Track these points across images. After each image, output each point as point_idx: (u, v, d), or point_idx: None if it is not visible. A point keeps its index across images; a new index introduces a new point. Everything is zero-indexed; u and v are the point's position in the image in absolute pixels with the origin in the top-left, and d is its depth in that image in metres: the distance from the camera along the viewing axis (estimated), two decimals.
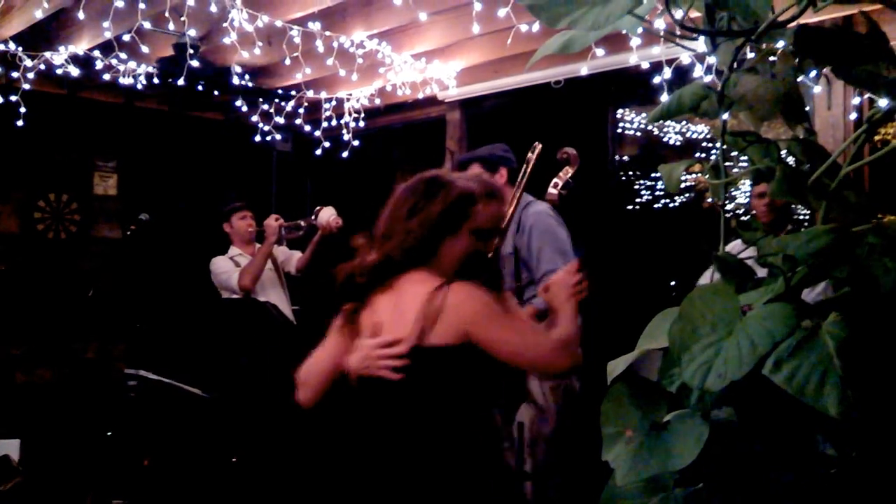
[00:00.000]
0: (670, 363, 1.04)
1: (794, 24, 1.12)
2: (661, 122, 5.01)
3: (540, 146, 3.58)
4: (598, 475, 1.17)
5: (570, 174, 3.61)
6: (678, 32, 1.01)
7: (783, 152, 1.32)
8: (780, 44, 1.28)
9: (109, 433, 4.58)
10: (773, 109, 1.38)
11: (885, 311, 0.88)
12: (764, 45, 1.33)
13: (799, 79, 4.02)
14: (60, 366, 6.00)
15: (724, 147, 1.27)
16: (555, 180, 3.57)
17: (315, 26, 4.43)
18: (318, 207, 4.68)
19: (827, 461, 1.08)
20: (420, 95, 5.49)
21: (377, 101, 5.69)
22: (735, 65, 1.28)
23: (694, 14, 1.31)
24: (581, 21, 0.98)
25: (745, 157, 1.34)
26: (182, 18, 4.12)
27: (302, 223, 4.79)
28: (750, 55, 1.44)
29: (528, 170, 3.48)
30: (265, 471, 4.06)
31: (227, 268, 4.66)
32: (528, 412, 3.26)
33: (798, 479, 1.04)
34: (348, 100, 5.76)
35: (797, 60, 1.21)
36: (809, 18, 1.26)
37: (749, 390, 1.00)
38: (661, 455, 1.00)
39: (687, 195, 5.86)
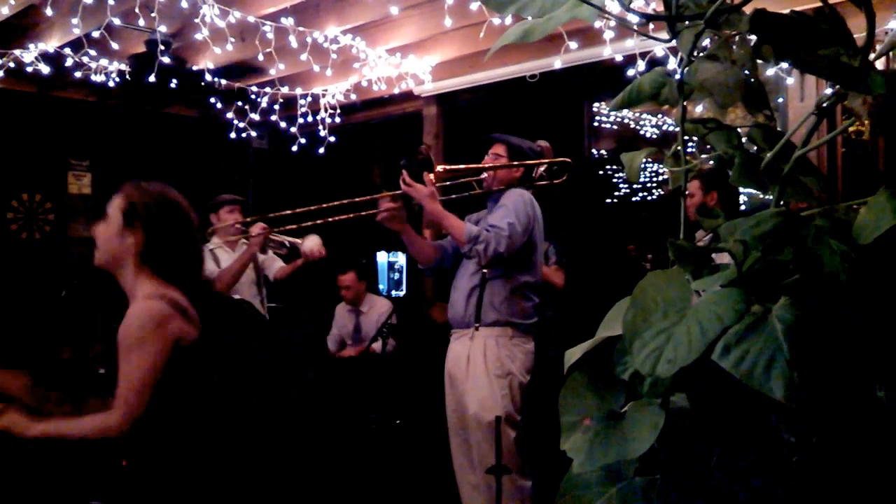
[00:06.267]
0: (623, 351, 1.03)
1: (749, 6, 1.12)
2: (625, 110, 5.02)
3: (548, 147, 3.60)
4: (558, 466, 1.16)
5: (543, 167, 3.61)
6: (625, 17, 1.00)
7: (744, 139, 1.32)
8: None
9: None
10: (733, 96, 1.38)
11: (831, 294, 0.88)
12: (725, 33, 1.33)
13: (771, 71, 4.00)
14: (35, 367, 5.92)
15: (684, 134, 1.26)
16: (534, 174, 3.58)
17: (288, 21, 4.40)
18: (305, 235, 4.67)
19: (788, 448, 1.08)
20: (396, 91, 5.47)
21: (353, 97, 5.67)
22: (696, 52, 1.28)
23: (661, 8, 1.31)
24: (528, 7, 0.98)
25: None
26: (153, 14, 4.08)
27: (287, 243, 4.78)
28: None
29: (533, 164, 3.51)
30: (244, 468, 4.03)
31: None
32: (475, 400, 3.26)
33: (757, 466, 1.04)
34: (324, 95, 5.73)
35: (753, 46, 1.21)
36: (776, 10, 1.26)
37: (705, 377, 1.00)
38: (618, 443, 1.00)
39: (664, 188, 5.88)
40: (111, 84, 5.16)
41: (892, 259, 0.91)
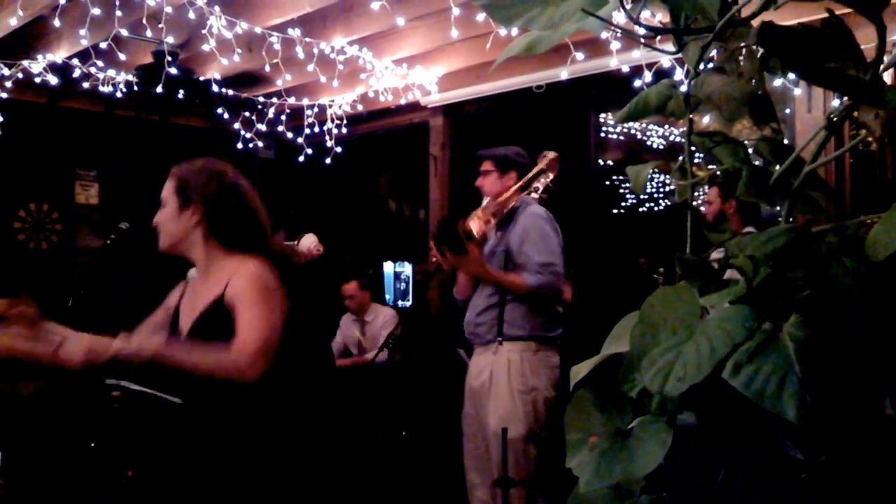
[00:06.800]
0: (630, 368, 1.02)
1: (757, 20, 1.10)
2: (631, 122, 5.00)
3: (552, 155, 3.57)
4: (566, 483, 1.15)
5: (550, 178, 3.59)
6: (632, 29, 0.99)
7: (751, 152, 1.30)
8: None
9: (93, 444, 4.53)
10: (740, 109, 1.37)
11: (844, 312, 0.86)
12: (733, 45, 1.32)
13: (778, 82, 3.98)
14: (42, 376, 5.93)
15: (691, 147, 1.25)
16: (535, 184, 3.56)
17: (295, 33, 4.41)
18: (300, 235, 4.67)
19: (796, 465, 1.06)
20: (402, 101, 5.48)
21: (359, 108, 5.68)
22: (702, 64, 1.27)
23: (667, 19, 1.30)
24: (536, 20, 0.97)
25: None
26: (160, 25, 4.09)
27: None
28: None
29: (533, 174, 3.48)
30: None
31: None
32: (496, 416, 3.22)
33: (764, 484, 1.02)
34: (330, 106, 5.74)
35: (761, 59, 1.20)
36: (785, 22, 1.25)
37: (713, 394, 0.98)
38: (625, 461, 0.98)
39: (671, 199, 5.86)
40: (119, 94, 5.18)
41: None
